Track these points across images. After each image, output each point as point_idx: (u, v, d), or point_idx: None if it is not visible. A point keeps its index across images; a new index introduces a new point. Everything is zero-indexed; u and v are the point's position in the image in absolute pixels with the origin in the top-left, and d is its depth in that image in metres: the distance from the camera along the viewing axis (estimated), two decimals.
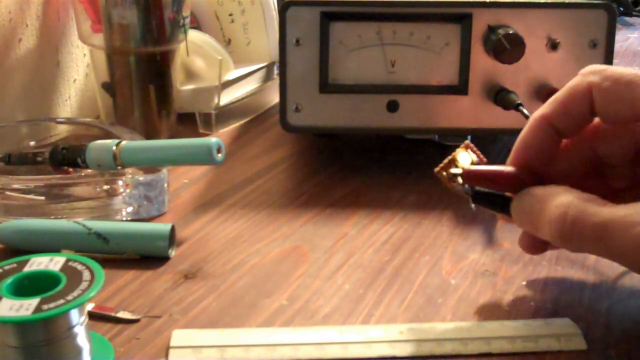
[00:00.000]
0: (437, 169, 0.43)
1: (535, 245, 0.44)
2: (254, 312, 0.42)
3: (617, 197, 0.42)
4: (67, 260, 0.37)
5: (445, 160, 0.43)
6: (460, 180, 0.42)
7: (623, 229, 0.36)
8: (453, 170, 0.42)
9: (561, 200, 0.38)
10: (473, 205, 0.43)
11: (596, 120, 0.42)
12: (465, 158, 0.43)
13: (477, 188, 0.43)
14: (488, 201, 0.43)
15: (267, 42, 0.80)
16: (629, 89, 0.39)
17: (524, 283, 0.45)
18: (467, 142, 0.44)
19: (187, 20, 0.67)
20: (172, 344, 0.39)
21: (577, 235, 0.37)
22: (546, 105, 0.42)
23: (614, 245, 0.36)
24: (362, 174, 0.61)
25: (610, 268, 0.46)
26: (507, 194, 0.42)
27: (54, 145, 0.55)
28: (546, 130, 0.42)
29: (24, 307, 0.33)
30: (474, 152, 0.44)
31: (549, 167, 0.43)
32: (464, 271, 0.46)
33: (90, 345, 0.36)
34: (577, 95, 0.41)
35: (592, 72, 0.41)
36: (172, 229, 0.48)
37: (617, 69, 0.41)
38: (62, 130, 0.67)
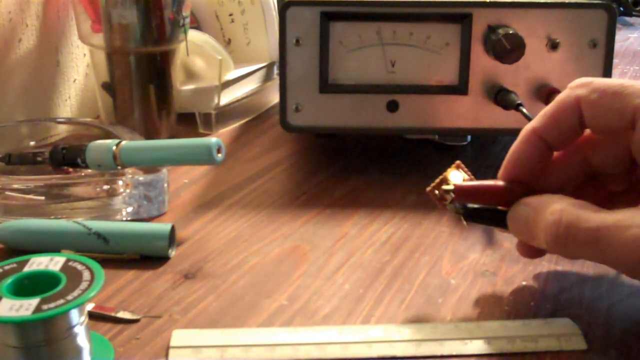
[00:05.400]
0: (429, 188, 0.43)
1: (532, 250, 0.44)
2: (254, 312, 0.42)
3: (613, 200, 0.42)
4: (67, 260, 0.37)
5: (437, 180, 0.43)
6: (451, 195, 0.42)
7: (616, 233, 0.36)
8: (445, 187, 0.42)
9: (555, 207, 0.39)
10: (465, 223, 0.43)
11: (588, 131, 0.42)
12: (456, 176, 0.43)
13: (469, 205, 0.43)
14: (481, 217, 0.43)
15: (267, 42, 0.80)
16: (617, 100, 0.40)
17: (524, 283, 0.45)
18: (458, 162, 0.44)
19: (187, 20, 0.67)
20: (172, 344, 0.39)
21: (571, 241, 0.38)
22: (536, 119, 0.43)
23: (608, 250, 0.37)
24: (362, 174, 0.61)
25: (610, 268, 0.46)
26: (500, 207, 0.43)
27: (54, 145, 0.55)
28: (537, 144, 0.42)
29: (24, 307, 0.33)
30: (464, 171, 0.44)
31: (543, 180, 0.43)
32: (464, 271, 0.46)
33: (90, 345, 0.36)
34: (566, 109, 0.41)
35: (579, 85, 0.41)
36: (172, 229, 0.48)
37: (604, 80, 0.41)
38: (62, 130, 0.67)
